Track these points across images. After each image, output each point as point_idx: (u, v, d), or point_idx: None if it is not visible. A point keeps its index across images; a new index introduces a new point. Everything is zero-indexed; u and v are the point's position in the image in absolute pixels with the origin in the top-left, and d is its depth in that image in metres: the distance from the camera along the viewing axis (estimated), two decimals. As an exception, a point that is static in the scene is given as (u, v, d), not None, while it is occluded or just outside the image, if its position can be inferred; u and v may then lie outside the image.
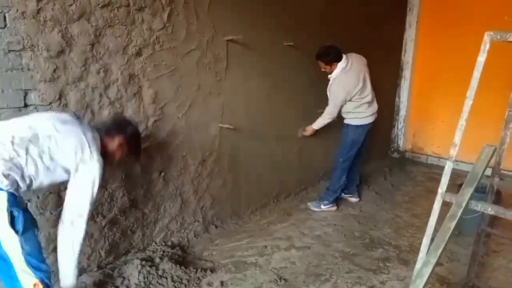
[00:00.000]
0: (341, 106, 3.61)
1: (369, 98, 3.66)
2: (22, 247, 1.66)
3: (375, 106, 3.77)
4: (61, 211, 1.93)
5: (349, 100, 3.58)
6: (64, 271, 1.92)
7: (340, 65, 3.50)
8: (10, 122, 1.84)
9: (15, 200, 1.66)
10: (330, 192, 3.86)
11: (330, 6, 4.03)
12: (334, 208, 3.87)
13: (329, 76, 3.61)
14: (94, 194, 1.87)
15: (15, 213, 1.64)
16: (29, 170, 1.72)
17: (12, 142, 1.70)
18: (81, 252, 1.95)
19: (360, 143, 3.77)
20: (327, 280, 2.71)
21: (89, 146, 1.87)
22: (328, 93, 3.67)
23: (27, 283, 1.69)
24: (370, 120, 3.74)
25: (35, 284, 1.70)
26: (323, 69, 3.59)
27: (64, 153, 1.81)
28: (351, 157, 3.78)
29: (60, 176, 1.85)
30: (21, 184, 1.70)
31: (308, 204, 3.93)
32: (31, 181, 1.75)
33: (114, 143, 2.06)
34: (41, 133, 1.77)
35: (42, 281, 1.72)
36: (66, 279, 1.93)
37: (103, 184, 2.15)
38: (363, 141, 3.80)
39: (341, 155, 3.78)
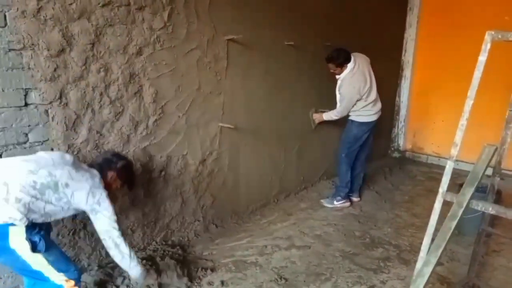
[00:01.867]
0: (353, 106, 3.67)
1: (374, 96, 3.72)
2: (47, 260, 1.86)
3: (379, 104, 3.83)
4: None
5: (359, 99, 3.64)
6: (126, 268, 2.20)
7: (349, 66, 3.58)
8: (27, 164, 1.88)
9: (33, 228, 1.82)
10: (340, 187, 3.92)
11: (330, 6, 4.03)
12: (348, 203, 3.93)
13: (337, 77, 3.67)
14: (117, 225, 2.08)
15: (35, 239, 1.81)
16: (47, 210, 1.87)
17: (34, 187, 1.81)
18: (130, 250, 2.16)
19: (362, 140, 3.80)
20: (327, 279, 2.71)
21: (99, 188, 2.03)
22: (337, 93, 3.72)
23: (59, 280, 1.92)
24: (375, 117, 3.79)
25: (66, 280, 1.93)
26: (332, 71, 3.66)
27: (78, 198, 1.95)
28: (353, 152, 3.83)
29: (73, 212, 2.04)
30: (38, 219, 1.86)
31: (321, 201, 3.99)
32: (47, 217, 1.91)
33: (107, 178, 2.17)
34: (60, 181, 1.89)
35: (71, 278, 1.95)
36: (131, 272, 2.22)
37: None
38: (367, 139, 3.83)
39: (343, 150, 3.83)
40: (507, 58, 3.85)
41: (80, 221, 2.46)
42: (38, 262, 1.85)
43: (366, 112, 3.72)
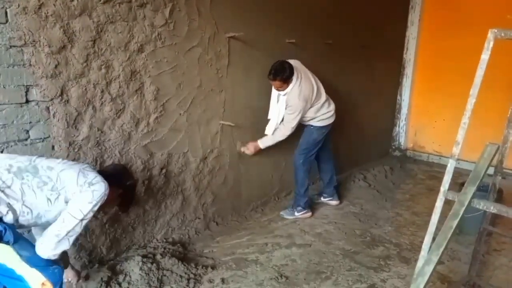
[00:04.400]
0: (300, 119, 3.34)
1: (324, 96, 3.48)
2: (19, 255, 1.63)
3: (333, 104, 3.57)
4: None
5: (310, 107, 3.37)
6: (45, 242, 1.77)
7: (294, 77, 3.24)
8: (8, 155, 1.84)
9: None
10: (298, 196, 3.64)
11: (332, 4, 4.02)
12: (309, 214, 3.66)
13: (281, 92, 3.30)
14: (89, 215, 1.79)
15: (0, 228, 1.60)
16: (27, 200, 1.67)
17: (9, 170, 1.68)
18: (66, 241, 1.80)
19: (320, 144, 3.59)
20: (328, 277, 2.71)
21: (94, 172, 1.86)
22: (278, 110, 3.38)
23: (34, 282, 1.65)
24: (333, 119, 3.57)
25: (43, 283, 1.67)
26: (278, 88, 3.27)
27: (67, 177, 1.76)
28: (311, 157, 3.60)
29: (61, 207, 1.78)
30: (10, 213, 1.64)
31: (281, 213, 3.68)
32: (26, 212, 1.69)
33: (111, 191, 1.94)
34: (40, 165, 1.74)
35: (50, 280, 1.68)
36: (43, 246, 1.76)
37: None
38: (324, 143, 3.64)
39: (301, 156, 3.55)
40: (509, 57, 3.83)
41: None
42: (9, 256, 1.61)
43: (325, 115, 3.48)
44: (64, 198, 1.78)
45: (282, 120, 3.40)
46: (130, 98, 2.58)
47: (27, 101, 2.14)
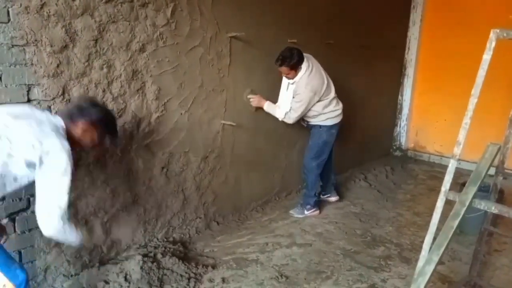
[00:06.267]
0: (305, 110, 3.34)
1: (333, 94, 3.45)
2: None
3: (341, 104, 3.55)
4: None
5: (318, 101, 3.34)
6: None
7: (304, 66, 3.21)
8: None
9: None
10: (308, 196, 3.66)
11: (333, 4, 4.02)
12: (317, 212, 3.69)
13: (290, 80, 3.30)
14: (67, 185, 1.66)
15: None
16: None
17: None
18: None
19: (332, 146, 3.59)
20: (328, 277, 2.71)
21: (49, 136, 1.66)
22: (286, 98, 3.38)
23: None
24: (341, 117, 3.54)
25: (4, 285, 1.62)
26: (286, 75, 3.27)
27: (22, 147, 1.61)
28: (324, 160, 3.58)
29: (22, 171, 1.63)
30: None
31: (291, 212, 3.70)
32: None
33: (77, 129, 1.82)
34: None
35: (12, 282, 1.62)
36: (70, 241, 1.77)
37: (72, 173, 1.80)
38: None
39: (314, 158, 3.52)
40: (510, 57, 3.83)
41: (82, 217, 2.47)
42: None
43: (333, 113, 3.45)
44: (25, 161, 1.62)
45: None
46: (132, 98, 2.58)
47: (29, 100, 2.14)
